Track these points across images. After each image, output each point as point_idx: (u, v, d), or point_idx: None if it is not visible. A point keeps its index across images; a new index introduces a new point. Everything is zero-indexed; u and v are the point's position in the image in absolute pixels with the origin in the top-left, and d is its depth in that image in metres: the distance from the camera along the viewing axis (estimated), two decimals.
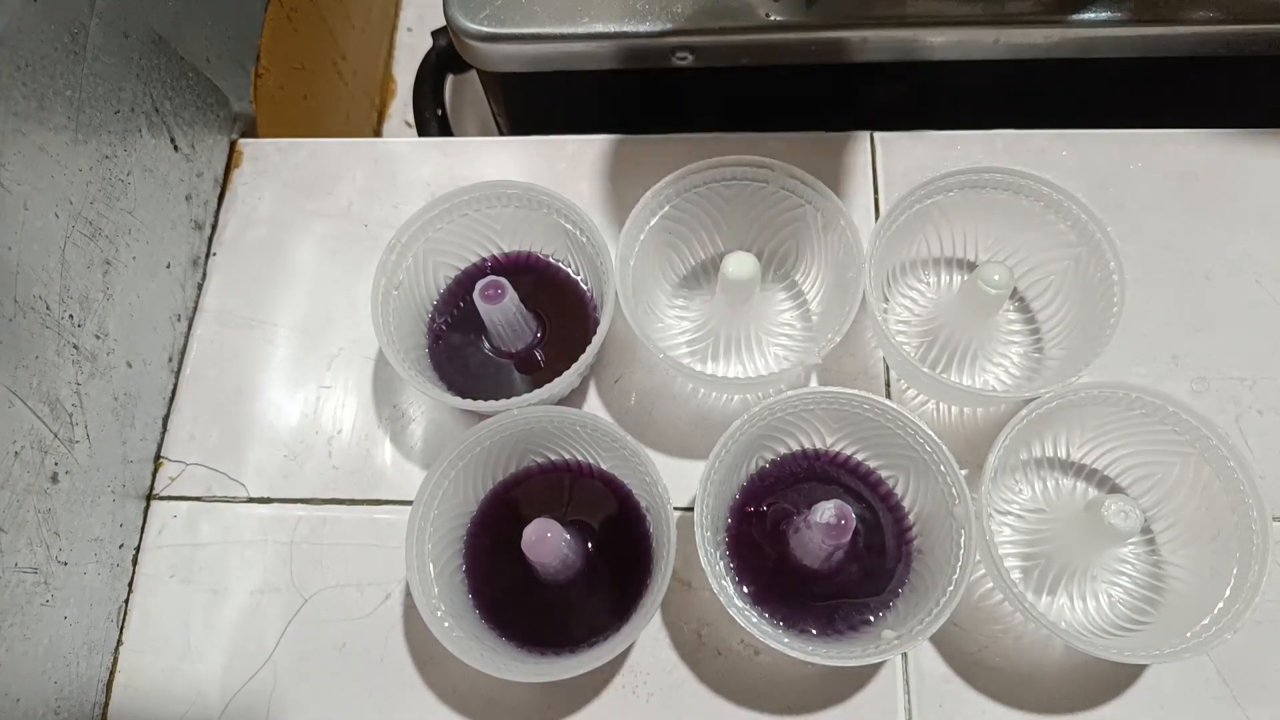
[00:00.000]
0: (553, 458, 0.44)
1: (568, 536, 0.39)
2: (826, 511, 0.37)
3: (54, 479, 0.39)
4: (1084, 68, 0.53)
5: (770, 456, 0.43)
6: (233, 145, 0.54)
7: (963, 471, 0.39)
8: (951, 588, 0.37)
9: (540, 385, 0.41)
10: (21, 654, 0.37)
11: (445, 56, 0.70)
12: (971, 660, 0.41)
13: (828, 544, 0.38)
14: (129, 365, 0.44)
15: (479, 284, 0.42)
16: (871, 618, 0.40)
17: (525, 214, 0.46)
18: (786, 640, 0.37)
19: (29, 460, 0.38)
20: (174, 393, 0.48)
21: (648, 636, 0.42)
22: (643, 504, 0.42)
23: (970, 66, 0.53)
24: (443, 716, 0.41)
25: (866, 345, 0.47)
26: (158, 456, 0.47)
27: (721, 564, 0.40)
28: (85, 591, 0.41)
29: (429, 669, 0.42)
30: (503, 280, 0.42)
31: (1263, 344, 0.46)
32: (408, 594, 0.43)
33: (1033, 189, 0.43)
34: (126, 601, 0.44)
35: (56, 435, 0.39)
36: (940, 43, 0.52)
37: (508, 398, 0.41)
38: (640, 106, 0.57)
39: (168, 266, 0.48)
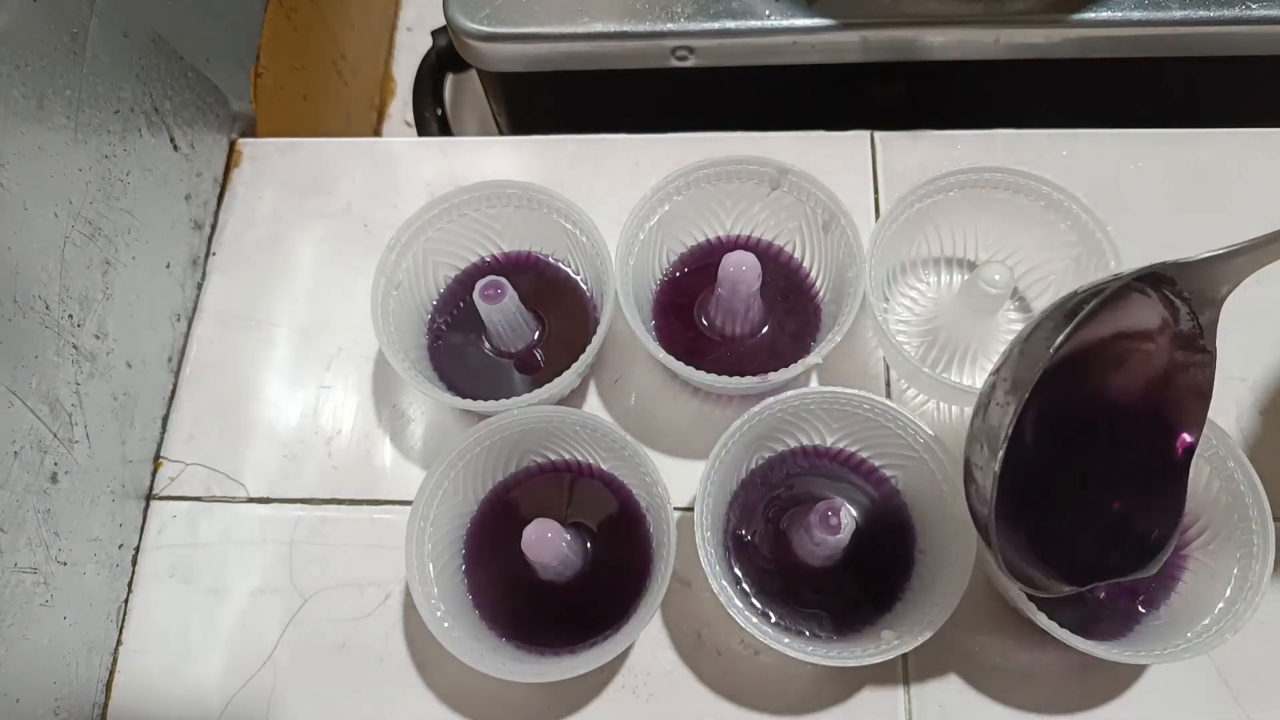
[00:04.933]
0: (553, 458, 0.44)
1: (568, 536, 0.39)
2: (826, 511, 0.37)
3: (53, 479, 0.39)
4: (1084, 68, 0.53)
5: (770, 456, 0.43)
6: (232, 145, 0.54)
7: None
8: (952, 588, 0.37)
9: (540, 385, 0.41)
10: (21, 654, 0.37)
11: (445, 56, 0.70)
12: (971, 660, 0.41)
13: (828, 544, 0.38)
14: (128, 365, 0.44)
15: (479, 284, 0.42)
16: (872, 618, 0.40)
17: (525, 214, 0.46)
18: (786, 640, 0.37)
19: (28, 460, 0.38)
20: (174, 393, 0.48)
21: (648, 636, 0.42)
22: (643, 504, 0.42)
23: (970, 66, 0.53)
24: (443, 716, 0.41)
25: (866, 345, 0.47)
26: (157, 456, 0.47)
27: (721, 564, 0.40)
28: (85, 591, 0.41)
29: (429, 669, 0.42)
30: (502, 280, 0.42)
31: (1263, 344, 0.46)
32: (408, 594, 0.43)
33: (1033, 189, 0.43)
34: (126, 602, 0.44)
35: (56, 435, 0.39)
36: (940, 43, 0.52)
37: (508, 398, 0.41)
38: (640, 106, 0.57)
39: (167, 266, 0.48)
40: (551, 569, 0.40)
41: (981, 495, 0.33)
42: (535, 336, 0.46)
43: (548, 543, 0.38)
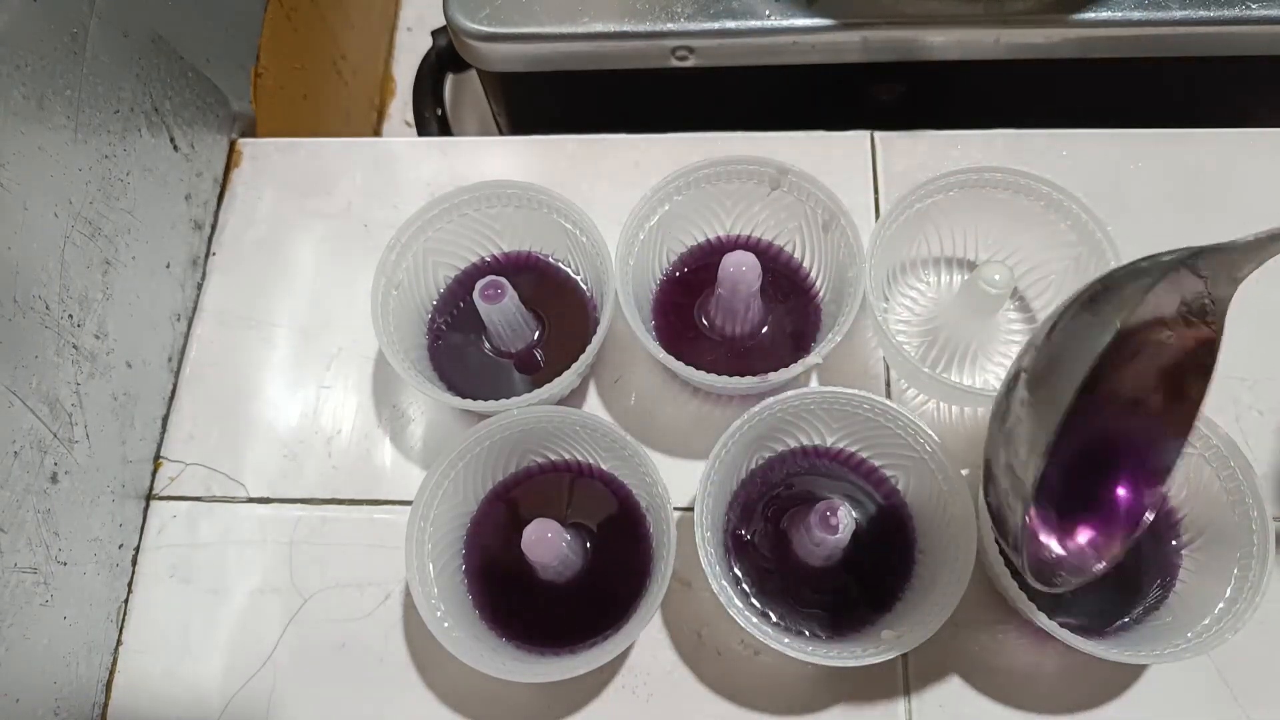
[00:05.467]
0: (553, 458, 0.44)
1: (568, 536, 0.39)
2: (826, 512, 0.37)
3: (53, 479, 0.39)
4: (1084, 68, 0.53)
5: (770, 456, 0.43)
6: (232, 145, 0.54)
7: (963, 471, 0.39)
8: (952, 588, 0.37)
9: (540, 385, 0.41)
10: (21, 654, 0.37)
11: (445, 56, 0.70)
12: (971, 660, 0.41)
13: (828, 544, 0.38)
14: (129, 365, 0.44)
15: (479, 284, 0.42)
16: (872, 617, 0.40)
17: (525, 214, 0.46)
18: (786, 640, 0.37)
19: (28, 460, 0.38)
20: (174, 393, 0.48)
21: (648, 636, 0.42)
22: (643, 504, 0.42)
23: (970, 66, 0.53)
24: (443, 716, 0.41)
25: (866, 345, 0.47)
26: (157, 456, 0.47)
27: (721, 564, 0.40)
28: (85, 591, 0.41)
29: (429, 669, 0.42)
30: (502, 280, 0.42)
31: (1263, 344, 0.46)
32: (408, 594, 0.43)
33: (1033, 189, 0.43)
34: (126, 602, 0.44)
35: (56, 435, 0.39)
36: (940, 43, 0.52)
37: (508, 398, 0.41)
38: (640, 106, 0.57)
39: (167, 266, 0.48)
40: (551, 569, 0.40)
41: (1007, 496, 0.32)
42: (535, 336, 0.46)
43: (548, 543, 0.38)
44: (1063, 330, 0.32)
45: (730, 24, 0.51)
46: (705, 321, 0.46)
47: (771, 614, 0.40)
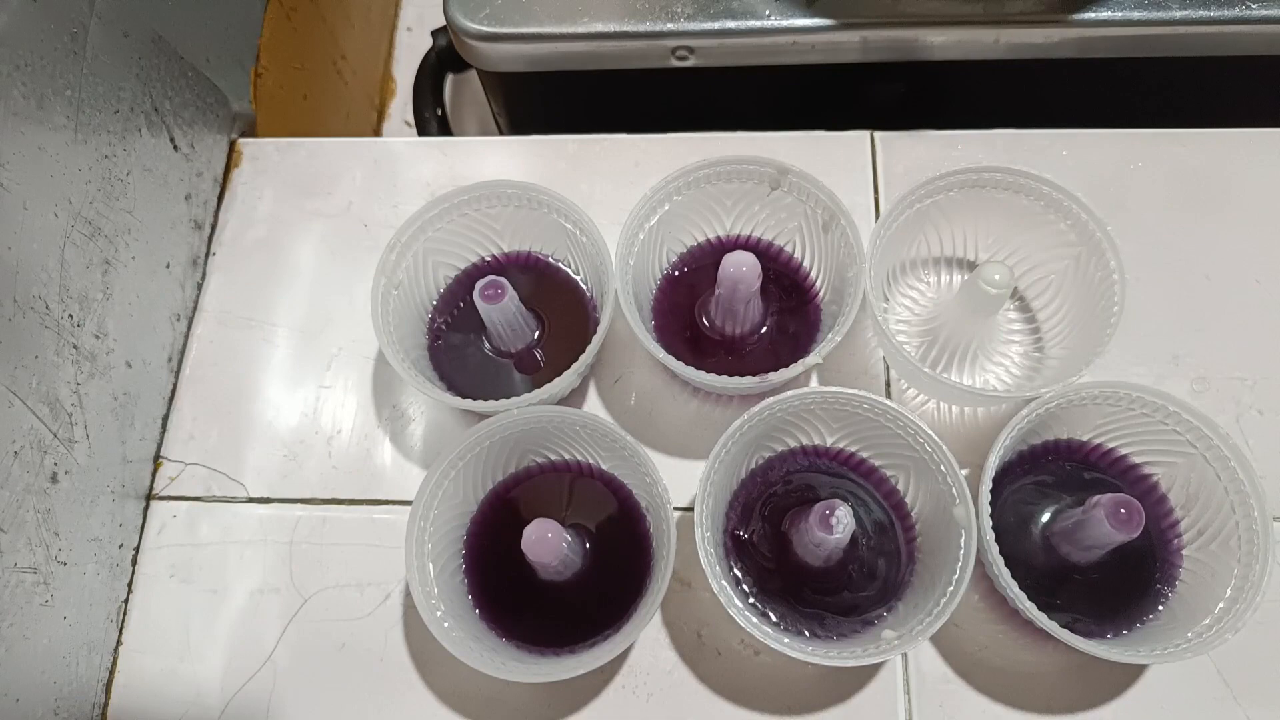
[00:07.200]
0: (553, 458, 0.44)
1: (568, 536, 0.39)
2: (825, 512, 0.37)
3: (53, 479, 0.39)
4: (1084, 68, 0.53)
5: (770, 456, 0.43)
6: (232, 145, 0.54)
7: (963, 471, 0.39)
8: (952, 588, 0.37)
9: (540, 385, 0.41)
10: (21, 654, 0.37)
11: (445, 56, 0.70)
12: (971, 660, 0.41)
13: (827, 544, 0.38)
14: (128, 365, 0.44)
15: (479, 284, 0.42)
16: (872, 618, 0.40)
17: (525, 214, 0.46)
18: (786, 640, 0.37)
19: (28, 460, 0.38)
20: (173, 393, 0.48)
21: (648, 636, 0.42)
22: (643, 504, 0.42)
23: (970, 66, 0.53)
24: (443, 716, 0.41)
25: (866, 345, 0.47)
26: (157, 456, 0.47)
27: (721, 564, 0.40)
28: (85, 592, 0.41)
29: (429, 669, 0.42)
30: (502, 280, 0.42)
31: (1263, 344, 0.46)
32: (408, 594, 0.43)
33: (1033, 189, 0.43)
34: (126, 602, 0.44)
35: (56, 435, 0.39)
36: (940, 43, 0.52)
37: (508, 398, 0.41)
38: (640, 106, 0.57)
39: (167, 266, 0.48)
40: (551, 569, 0.40)
41: None
42: (535, 336, 0.46)
43: (548, 543, 0.38)
44: None
45: (730, 24, 0.51)
46: (705, 321, 0.46)
47: (771, 614, 0.40)
